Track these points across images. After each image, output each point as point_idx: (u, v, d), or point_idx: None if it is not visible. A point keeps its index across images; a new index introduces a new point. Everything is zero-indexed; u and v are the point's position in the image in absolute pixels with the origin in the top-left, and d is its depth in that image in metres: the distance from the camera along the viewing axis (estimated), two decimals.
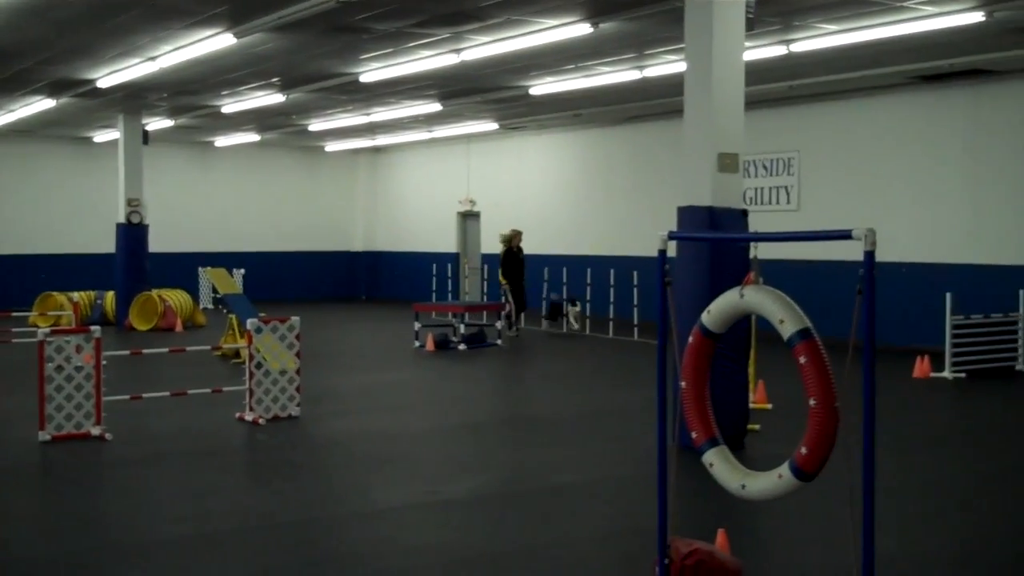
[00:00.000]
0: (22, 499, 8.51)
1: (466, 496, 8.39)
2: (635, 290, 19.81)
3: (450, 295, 27.40)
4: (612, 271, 20.89)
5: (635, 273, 19.89)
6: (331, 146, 30.09)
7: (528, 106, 21.11)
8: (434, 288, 27.12)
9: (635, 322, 19.77)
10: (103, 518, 7.94)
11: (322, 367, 15.42)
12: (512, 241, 21.46)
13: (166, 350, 12.91)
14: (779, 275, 13.92)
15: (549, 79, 17.66)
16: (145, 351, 13.48)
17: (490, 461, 9.79)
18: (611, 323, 20.47)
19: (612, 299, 20.55)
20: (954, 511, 7.99)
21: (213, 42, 14.00)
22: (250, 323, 11.52)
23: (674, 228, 10.19)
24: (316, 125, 24.42)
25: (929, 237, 18.07)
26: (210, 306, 26.38)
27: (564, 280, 21.93)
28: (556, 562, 6.68)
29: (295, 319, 11.65)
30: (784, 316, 5.11)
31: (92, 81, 17.53)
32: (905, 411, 12.28)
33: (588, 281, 21.26)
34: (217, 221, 29.66)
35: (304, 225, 31.20)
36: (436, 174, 29.72)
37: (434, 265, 27.69)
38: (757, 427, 10.72)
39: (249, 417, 11.29)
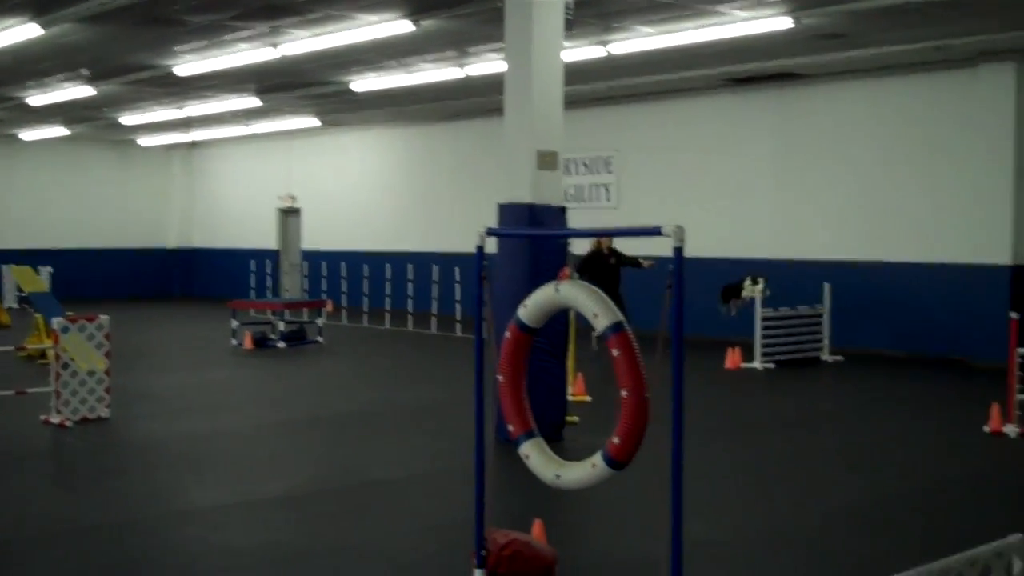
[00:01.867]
0: None
1: (284, 495, 8.27)
2: (457, 286, 19.91)
3: (270, 293, 26.94)
4: (435, 267, 20.93)
5: (457, 270, 20.00)
6: (145, 140, 29.20)
7: (350, 102, 20.95)
8: (253, 286, 26.62)
9: (457, 318, 19.86)
10: None
11: (134, 368, 14.95)
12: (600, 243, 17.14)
13: None
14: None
15: (371, 75, 17.57)
16: None
17: (309, 459, 9.68)
18: (434, 319, 20.51)
19: (435, 295, 20.59)
20: (762, 494, 8.32)
21: (17, 32, 13.40)
22: (56, 322, 11.08)
23: (496, 225, 10.31)
24: (128, 119, 23.65)
25: (740, 234, 18.77)
26: (15, 305, 25.23)
27: (386, 276, 21.84)
28: (375, 557, 6.66)
29: (104, 318, 11.26)
30: (597, 310, 5.23)
31: None
32: (716, 400, 12.72)
33: (410, 278, 21.25)
34: (23, 217, 28.42)
35: (116, 221, 30.18)
36: (256, 170, 29.19)
37: (253, 262, 27.16)
38: (576, 419, 10.93)
39: (56, 419, 10.86)
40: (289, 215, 28.42)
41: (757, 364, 15.28)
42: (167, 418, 11.64)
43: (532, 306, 5.62)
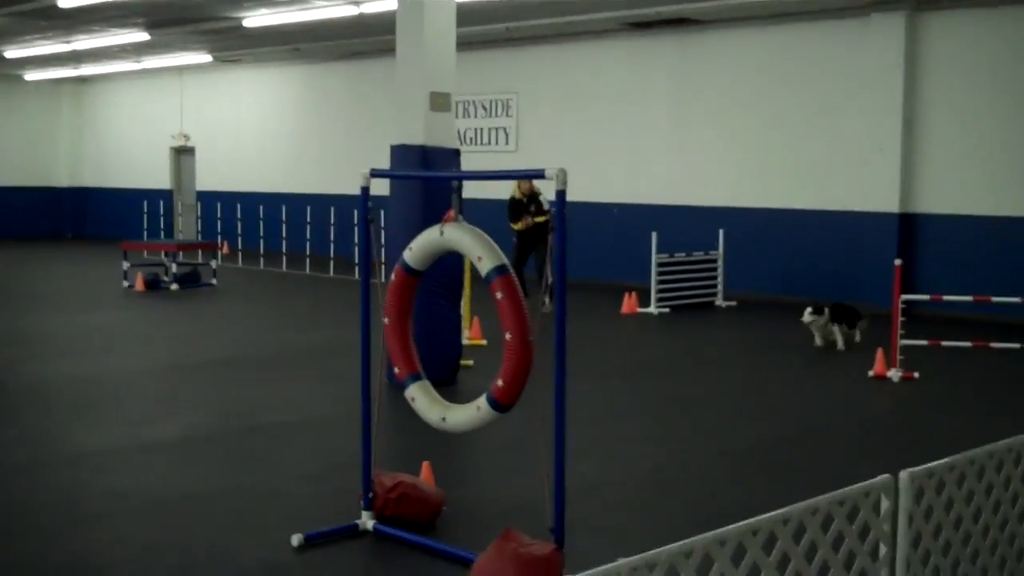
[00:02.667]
0: None
1: (173, 438, 8.18)
2: (355, 228, 19.72)
3: (163, 233, 26.40)
4: (332, 209, 20.71)
5: (354, 212, 19.80)
6: (31, 75, 28.22)
7: (243, 38, 20.50)
8: (146, 226, 26.05)
9: (355, 261, 19.71)
10: None
11: (19, 309, 14.57)
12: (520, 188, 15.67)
13: None
14: (489, 214, 14.17)
15: (264, 11, 17.20)
16: None
17: (199, 402, 9.57)
18: (331, 262, 20.33)
19: (332, 237, 20.39)
20: (651, 436, 8.47)
21: None
22: None
23: (390, 167, 10.21)
24: (13, 52, 22.83)
25: (638, 179, 18.90)
26: None
27: (282, 218, 21.56)
28: (264, 500, 6.64)
29: None
30: (482, 253, 5.24)
31: None
32: (610, 344, 12.88)
33: (307, 220, 21.00)
34: None
35: (3, 159, 29.20)
36: (148, 107, 28.45)
37: (145, 202, 26.55)
38: (471, 363, 10.97)
39: None
40: (182, 154, 27.81)
41: (652, 309, 15.48)
42: (53, 360, 11.39)
43: (417, 249, 5.61)
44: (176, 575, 5.34)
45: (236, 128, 26.15)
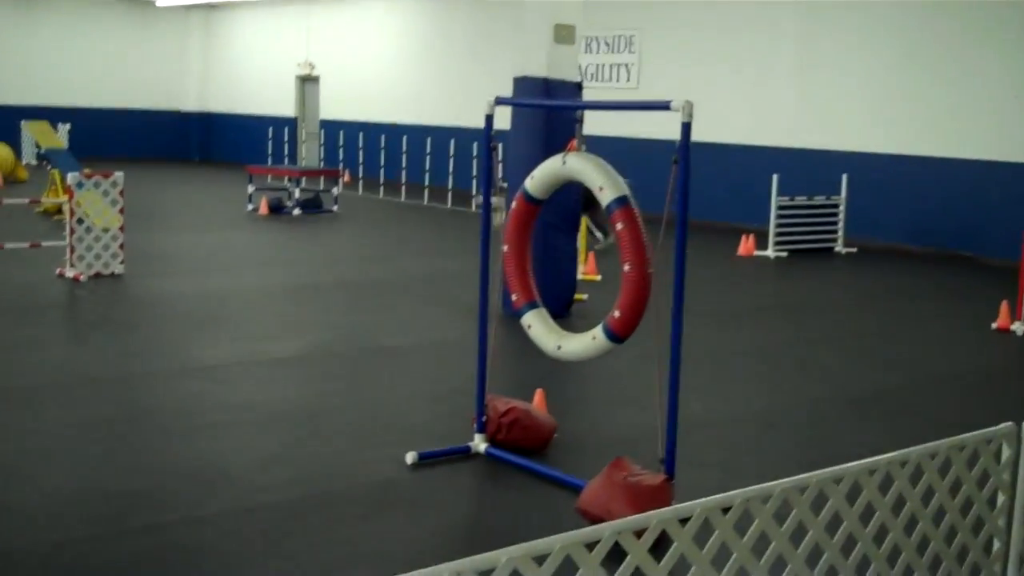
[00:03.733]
0: None
1: (292, 355, 8.41)
2: (473, 161, 19.82)
3: (287, 160, 26.89)
4: (452, 141, 20.81)
5: (474, 144, 19.88)
6: (162, 1, 28.81)
7: None
8: (270, 152, 26.56)
9: (473, 192, 19.84)
10: None
11: (150, 227, 15.04)
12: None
13: None
14: (607, 151, 14.06)
15: None
16: None
17: (318, 322, 9.80)
18: (449, 194, 20.48)
19: (451, 169, 20.52)
20: (763, 378, 8.41)
21: None
22: (71, 177, 11.13)
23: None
24: None
25: (760, 121, 18.56)
26: (33, 161, 25.26)
27: (404, 149, 21.74)
28: (378, 417, 6.79)
29: (119, 175, 11.30)
30: (604, 183, 5.23)
31: None
32: (725, 285, 12.77)
33: (428, 151, 21.15)
34: (42, 74, 28.24)
35: (135, 82, 29.98)
36: (275, 35, 28.85)
37: (271, 129, 27.05)
38: (584, 297, 10.99)
39: (70, 273, 10.99)
40: (307, 83, 28.18)
41: (770, 252, 15.27)
42: (180, 277, 11.77)
43: (538, 177, 5.63)
44: (294, 485, 5.52)
45: (360, 58, 26.37)
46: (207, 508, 5.14)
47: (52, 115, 23.98)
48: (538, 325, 5.73)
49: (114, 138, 28.86)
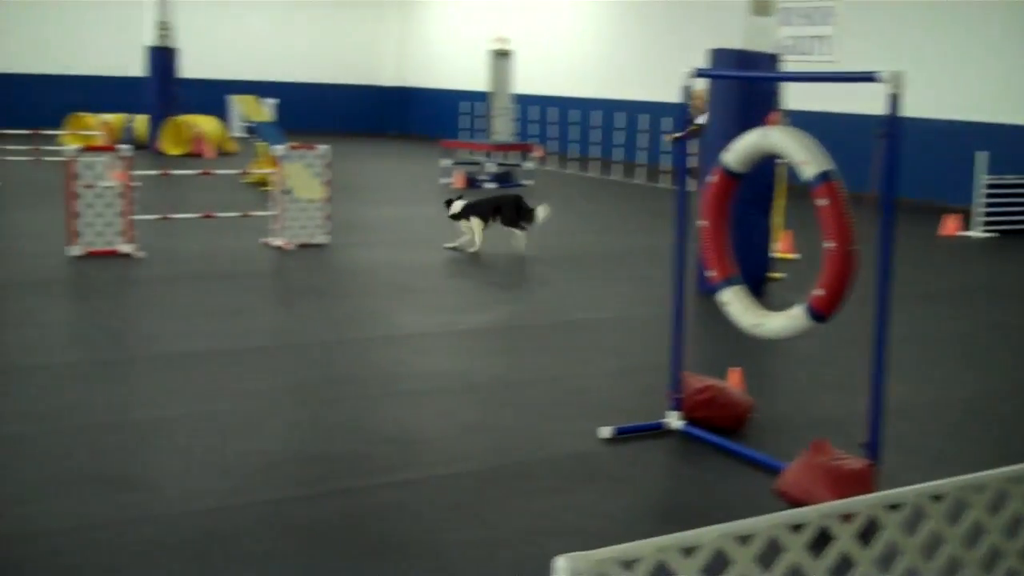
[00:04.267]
0: (53, 309, 8.72)
1: (486, 326, 8.55)
2: (665, 137, 19.63)
3: (480, 134, 27.25)
4: (645, 117, 20.68)
5: (667, 119, 19.70)
6: None
7: None
8: (464, 127, 26.96)
9: (662, 169, 19.68)
10: (132, 331, 8.17)
11: (350, 198, 15.49)
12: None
13: (196, 173, 13.02)
14: (808, 126, 13.71)
15: None
16: (175, 172, 13.58)
17: (511, 295, 9.93)
18: (641, 169, 20.38)
19: (643, 145, 20.40)
20: (968, 364, 8.09)
21: None
22: (278, 150, 11.56)
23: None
24: None
25: (967, 94, 17.74)
26: (242, 134, 26.35)
27: (596, 124, 21.72)
28: (572, 391, 6.85)
29: (324, 148, 11.68)
30: (806, 157, 5.11)
31: None
32: (929, 266, 12.31)
33: (621, 126, 21.07)
34: (249, 50, 29.37)
35: (335, 58, 30.86)
36: (469, 10, 29.20)
37: (465, 103, 27.44)
38: (780, 276, 10.78)
39: (276, 242, 11.44)
40: (501, 57, 28.45)
41: (976, 232, 14.62)
42: (380, 247, 12.10)
43: (738, 150, 5.54)
44: (490, 454, 5.63)
45: (554, 33, 26.44)
46: (407, 473, 5.29)
47: (259, 90, 24.95)
48: (736, 302, 5.66)
49: (317, 112, 29.81)
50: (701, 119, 16.13)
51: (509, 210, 11.79)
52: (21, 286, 9.37)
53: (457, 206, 11.73)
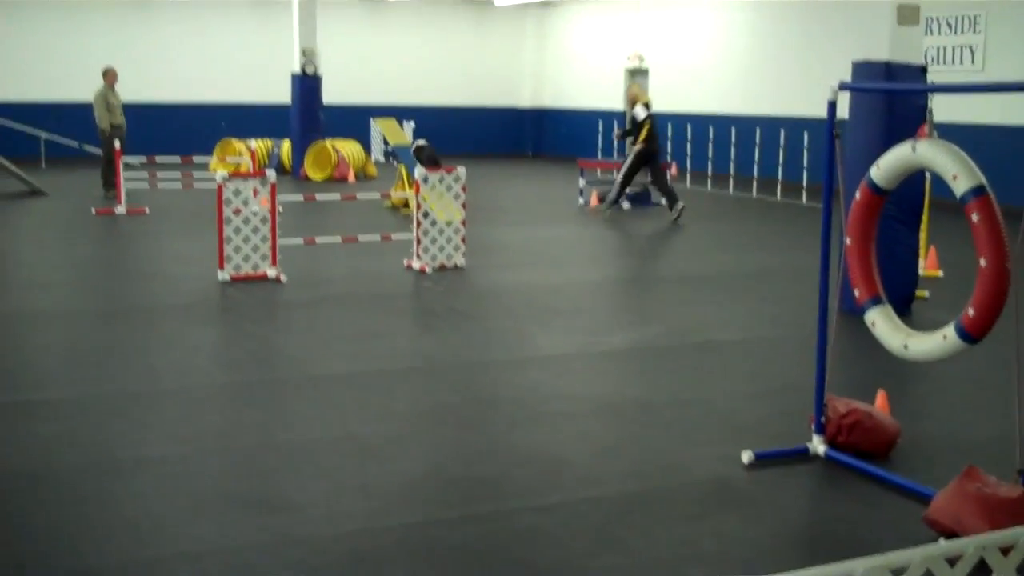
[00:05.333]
0: (201, 332, 9.00)
1: (624, 348, 8.51)
2: (805, 152, 19.30)
3: (616, 153, 27.19)
4: (782, 131, 20.37)
5: (805, 134, 19.35)
6: (501, 0, 29.84)
7: None
8: (600, 146, 26.96)
9: (804, 185, 19.33)
10: (277, 353, 8.38)
11: (488, 220, 15.64)
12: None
13: (338, 197, 13.30)
14: (956, 139, 13.30)
15: None
16: (318, 197, 13.90)
17: (649, 316, 9.86)
18: (779, 185, 20.06)
19: (781, 161, 20.09)
20: None
21: None
22: (418, 173, 11.74)
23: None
24: None
25: None
26: (381, 159, 26.85)
27: (733, 141, 21.46)
28: (711, 414, 6.76)
29: (461, 170, 11.81)
30: (958, 171, 4.95)
31: None
32: None
33: (757, 142, 20.79)
34: (388, 74, 29.92)
35: (473, 80, 31.22)
36: (605, 29, 29.22)
37: (600, 122, 27.45)
38: (926, 294, 10.47)
39: (416, 265, 11.60)
40: (636, 75, 28.37)
41: None
42: (517, 269, 12.17)
43: (885, 166, 5.40)
44: (629, 478, 5.59)
45: (688, 49, 26.27)
46: (547, 497, 5.29)
47: (398, 113, 25.45)
48: (882, 322, 5.50)
49: (455, 135, 30.18)
50: (640, 113, 17.41)
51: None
52: (172, 309, 9.71)
53: None
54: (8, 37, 25.86)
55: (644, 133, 17.00)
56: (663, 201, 17.28)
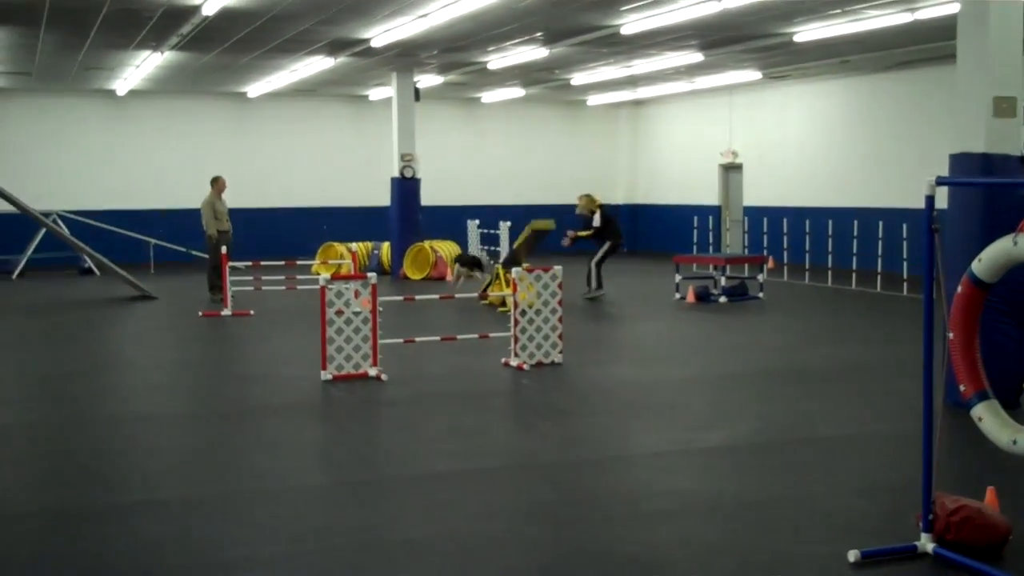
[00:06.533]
0: (306, 433, 9.17)
1: (724, 444, 8.44)
2: (904, 243, 19.08)
3: (711, 248, 27.19)
4: (880, 223, 20.19)
5: (904, 226, 19.15)
6: (593, 99, 30.29)
7: (792, 54, 20.58)
8: (695, 241, 26.99)
9: (904, 276, 19.07)
10: (378, 452, 8.50)
11: (584, 316, 15.71)
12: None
13: (437, 297, 13.52)
14: None
15: (814, 24, 17.16)
16: (417, 297, 14.15)
17: (749, 411, 9.78)
18: (879, 277, 19.82)
19: (880, 252, 19.88)
20: None
21: None
22: (515, 272, 11.90)
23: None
24: (578, 79, 24.65)
25: None
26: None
27: (829, 233, 21.33)
28: (814, 512, 6.66)
29: (558, 268, 11.93)
30: None
31: (367, 40, 18.34)
32: None
33: (855, 234, 20.63)
34: (484, 175, 30.45)
35: (567, 178, 31.50)
36: (697, 126, 29.44)
37: (695, 217, 27.52)
38: None
39: (514, 363, 11.69)
40: (730, 170, 28.45)
41: None
42: (614, 365, 12.19)
43: (987, 260, 5.37)
44: (735, 575, 5.53)
45: (782, 143, 26.30)
46: None
47: (494, 213, 25.82)
48: (990, 417, 5.42)
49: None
50: (597, 220, 20.12)
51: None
52: (276, 409, 9.91)
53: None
54: (119, 147, 27.02)
55: (611, 230, 19.97)
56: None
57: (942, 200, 9.67)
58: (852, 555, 5.65)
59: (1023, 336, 9.81)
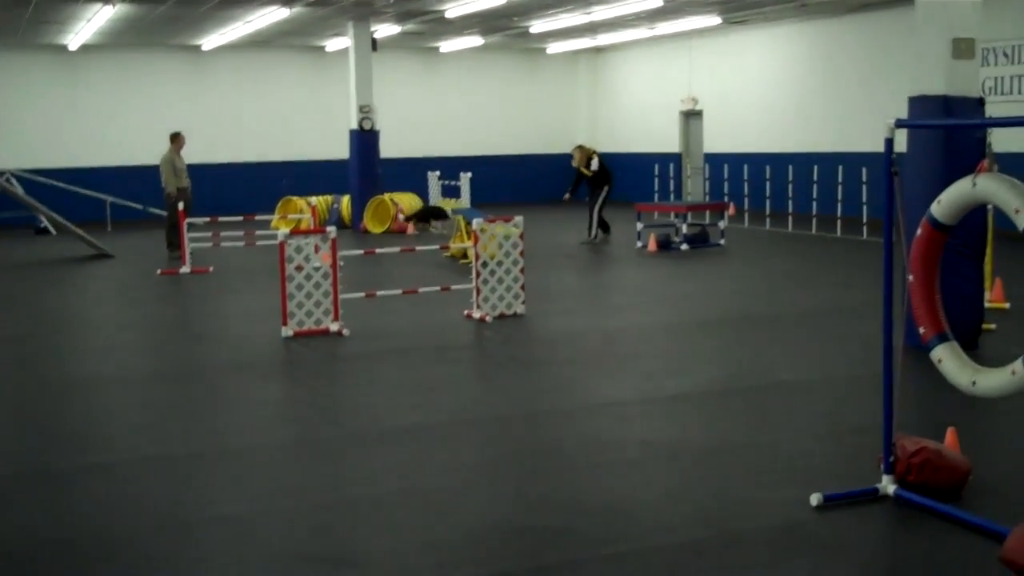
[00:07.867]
0: (267, 389, 9.11)
1: (687, 391, 8.47)
2: (863, 187, 19.14)
3: (672, 195, 27.18)
4: (840, 168, 20.24)
5: (864, 169, 19.19)
6: (552, 47, 30.07)
7: None
8: (656, 189, 26.96)
9: (864, 220, 19.16)
10: (341, 408, 8.45)
11: (546, 266, 15.67)
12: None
13: (398, 250, 13.43)
14: (1016, 169, 13.13)
15: None
16: (378, 251, 14.04)
17: (710, 358, 9.81)
18: (839, 222, 19.91)
19: (840, 197, 19.94)
20: None
21: None
22: (476, 223, 11.83)
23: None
24: (537, 27, 24.44)
25: None
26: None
27: (789, 179, 21.37)
28: (777, 457, 6.69)
29: (519, 218, 11.87)
30: (1020, 205, 4.91)
31: None
32: None
33: (814, 179, 20.68)
34: (444, 126, 30.24)
35: (527, 128, 31.43)
36: (657, 73, 29.31)
37: (656, 166, 27.47)
38: (992, 327, 10.33)
39: (476, 315, 11.66)
40: (690, 118, 28.40)
41: None
42: (576, 315, 12.18)
43: (946, 202, 5.37)
44: (698, 524, 5.55)
45: (742, 89, 26.25)
46: (617, 546, 5.26)
47: (454, 165, 25.66)
48: (949, 359, 5.44)
49: (509, 182, 30.36)
50: (595, 164, 20.56)
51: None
52: (238, 367, 9.84)
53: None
54: (73, 104, 26.55)
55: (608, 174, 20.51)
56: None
57: (901, 144, 9.70)
58: (815, 499, 5.68)
59: (982, 277, 9.88)
